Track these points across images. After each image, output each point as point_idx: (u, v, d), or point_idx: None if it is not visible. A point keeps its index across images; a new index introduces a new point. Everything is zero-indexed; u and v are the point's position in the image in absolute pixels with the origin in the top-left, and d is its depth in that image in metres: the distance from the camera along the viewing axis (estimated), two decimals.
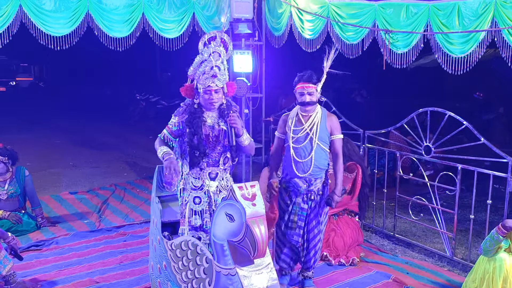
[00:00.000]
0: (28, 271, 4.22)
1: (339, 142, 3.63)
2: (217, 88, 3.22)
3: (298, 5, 5.97)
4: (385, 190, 5.19)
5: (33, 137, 10.81)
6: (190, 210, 3.33)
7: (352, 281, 4.07)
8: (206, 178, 3.33)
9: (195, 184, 3.33)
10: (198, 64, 3.22)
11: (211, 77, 3.19)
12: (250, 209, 2.83)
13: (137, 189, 6.91)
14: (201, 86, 3.21)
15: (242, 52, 6.06)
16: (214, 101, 3.24)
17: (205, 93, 3.22)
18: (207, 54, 3.19)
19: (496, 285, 3.38)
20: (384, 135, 5.27)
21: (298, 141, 3.58)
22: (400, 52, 5.02)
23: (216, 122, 3.31)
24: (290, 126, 3.62)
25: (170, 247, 3.21)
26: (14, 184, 5.18)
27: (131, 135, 11.48)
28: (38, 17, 4.99)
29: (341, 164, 3.65)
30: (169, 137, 3.36)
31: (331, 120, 3.63)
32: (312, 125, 3.56)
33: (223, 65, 3.25)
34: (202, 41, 3.26)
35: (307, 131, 3.56)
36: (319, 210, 3.69)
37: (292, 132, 3.60)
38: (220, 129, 3.30)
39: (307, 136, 3.56)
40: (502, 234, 3.29)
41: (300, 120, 3.60)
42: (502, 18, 4.15)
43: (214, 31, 3.29)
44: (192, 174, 3.33)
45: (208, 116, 3.30)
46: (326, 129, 3.59)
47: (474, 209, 4.36)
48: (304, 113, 3.59)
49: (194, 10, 5.93)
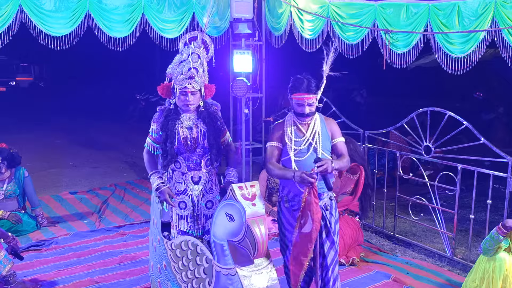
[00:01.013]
0: (28, 271, 4.22)
1: (342, 145, 3.24)
2: (194, 90, 3.16)
3: (298, 5, 5.97)
4: (385, 190, 5.19)
5: (33, 137, 10.81)
6: (177, 215, 3.30)
7: (352, 281, 4.06)
8: (189, 182, 3.28)
9: (179, 188, 3.28)
10: (176, 64, 3.17)
11: (188, 79, 3.13)
12: (250, 209, 2.83)
13: (137, 189, 6.91)
14: (178, 87, 3.16)
15: (242, 52, 6.06)
16: (190, 103, 3.17)
17: (181, 94, 3.16)
18: (186, 55, 3.14)
19: (496, 284, 3.37)
20: (384, 135, 5.27)
21: (301, 153, 3.16)
22: (400, 52, 5.02)
23: (194, 124, 3.24)
24: (290, 137, 3.19)
25: (170, 247, 3.21)
26: (13, 184, 5.18)
27: (131, 135, 11.46)
28: (38, 17, 4.99)
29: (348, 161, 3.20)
30: (153, 145, 3.31)
31: (330, 124, 3.27)
32: (313, 134, 3.18)
33: (202, 66, 3.20)
34: (183, 40, 3.20)
35: (309, 141, 3.17)
36: (330, 229, 3.21)
37: (294, 144, 3.18)
38: (199, 131, 3.24)
39: (310, 147, 3.16)
40: (502, 234, 3.29)
41: (299, 129, 3.20)
42: (502, 18, 4.15)
43: (195, 32, 3.25)
44: (175, 178, 3.29)
45: (185, 118, 3.24)
46: (327, 135, 3.23)
47: (474, 209, 4.37)
48: (303, 122, 3.19)
49: (194, 10, 5.93)
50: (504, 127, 9.68)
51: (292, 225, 3.18)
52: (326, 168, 2.92)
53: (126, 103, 14.92)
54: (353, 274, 4.19)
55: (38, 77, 24.47)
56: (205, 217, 3.33)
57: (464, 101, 13.02)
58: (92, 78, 22.20)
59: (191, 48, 3.16)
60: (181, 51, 3.19)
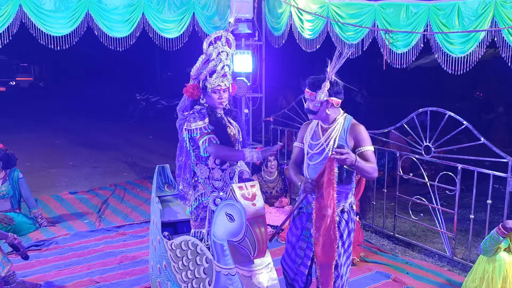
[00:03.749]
0: (28, 271, 4.22)
1: (369, 154, 2.94)
2: (226, 88, 3.21)
3: (298, 5, 5.97)
4: (385, 190, 5.19)
5: (33, 137, 10.81)
6: (211, 212, 3.26)
7: (352, 281, 4.06)
8: (227, 178, 3.30)
9: (216, 185, 3.28)
10: (202, 64, 3.19)
11: (222, 77, 3.18)
12: (250, 209, 2.83)
13: (137, 189, 6.91)
14: (210, 86, 3.17)
15: (242, 52, 6.07)
16: (223, 100, 3.22)
17: (213, 93, 3.18)
18: (215, 54, 3.16)
19: (495, 284, 3.38)
20: (384, 135, 5.27)
21: (313, 158, 3.04)
22: (400, 52, 5.02)
23: (228, 121, 3.30)
24: (307, 139, 3.10)
25: (170, 247, 3.21)
26: (7, 185, 5.17)
27: (131, 135, 11.48)
28: (38, 17, 5.00)
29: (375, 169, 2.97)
30: (217, 139, 3.16)
31: (355, 130, 2.98)
32: (329, 140, 2.99)
33: (232, 64, 3.27)
34: (208, 40, 3.20)
35: (323, 146, 3.00)
36: (342, 239, 3.06)
37: (308, 146, 3.07)
38: (235, 127, 3.31)
39: (322, 152, 2.99)
40: (502, 235, 3.29)
41: (318, 133, 3.07)
42: (502, 18, 4.15)
43: (220, 31, 3.25)
44: (212, 176, 3.27)
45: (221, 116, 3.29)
46: (346, 142, 2.96)
47: (474, 209, 4.37)
48: (324, 125, 3.04)
49: (194, 10, 5.93)
50: (504, 127, 9.69)
51: (297, 227, 3.16)
52: (345, 158, 2.74)
53: (126, 103, 14.93)
54: (353, 274, 4.18)
55: (38, 77, 24.47)
56: None
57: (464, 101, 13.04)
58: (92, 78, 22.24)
59: (219, 46, 3.17)
60: (206, 51, 3.18)
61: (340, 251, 3.07)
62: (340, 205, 3.03)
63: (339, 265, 3.08)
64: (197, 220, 3.31)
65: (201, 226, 3.31)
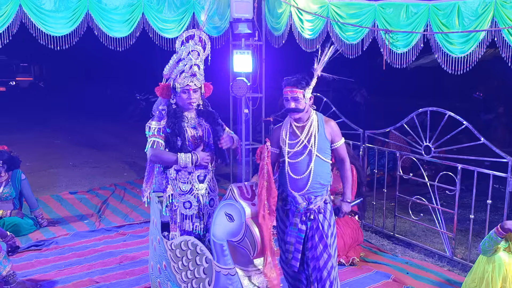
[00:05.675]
0: (28, 271, 4.22)
1: (342, 149, 3.24)
2: (196, 88, 3.16)
3: (298, 5, 5.97)
4: (385, 190, 5.19)
5: (33, 137, 10.82)
6: (181, 215, 3.25)
7: (352, 281, 4.06)
8: (195, 181, 3.23)
9: (184, 188, 3.23)
10: (175, 63, 3.14)
11: (190, 76, 3.12)
12: (250, 209, 2.83)
13: (137, 189, 6.90)
14: (179, 86, 3.13)
15: (242, 52, 6.06)
16: (192, 101, 3.16)
17: (183, 93, 3.14)
18: (185, 53, 3.11)
19: (495, 284, 3.37)
20: (384, 135, 5.27)
21: (296, 155, 3.14)
22: (400, 52, 5.02)
23: (197, 122, 3.25)
24: (284, 140, 3.18)
25: (170, 247, 3.21)
26: (10, 187, 5.18)
27: (131, 135, 11.47)
28: (38, 17, 5.00)
29: (348, 170, 3.29)
30: (161, 143, 3.18)
31: (330, 126, 3.19)
32: (309, 136, 3.13)
33: (202, 64, 3.20)
34: (180, 39, 3.17)
35: (304, 143, 3.12)
36: (323, 232, 3.18)
37: (288, 146, 3.16)
38: (203, 129, 3.24)
39: (305, 149, 3.12)
40: (500, 236, 3.28)
41: (294, 132, 3.17)
42: (502, 18, 4.15)
43: (193, 30, 3.21)
44: (180, 179, 3.23)
45: (189, 117, 3.23)
46: (326, 138, 3.16)
47: (474, 209, 4.36)
48: (298, 123, 3.16)
49: (194, 10, 5.93)
50: (504, 127, 9.69)
51: (285, 223, 3.23)
52: (345, 212, 3.41)
53: (126, 103, 14.93)
54: (353, 274, 4.19)
55: (38, 77, 24.47)
56: (208, 215, 3.31)
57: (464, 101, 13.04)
58: (92, 78, 22.20)
59: (190, 45, 3.13)
60: (178, 50, 3.15)
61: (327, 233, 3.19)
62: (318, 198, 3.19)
63: (328, 245, 3.18)
64: (172, 222, 3.31)
65: (174, 229, 3.30)
